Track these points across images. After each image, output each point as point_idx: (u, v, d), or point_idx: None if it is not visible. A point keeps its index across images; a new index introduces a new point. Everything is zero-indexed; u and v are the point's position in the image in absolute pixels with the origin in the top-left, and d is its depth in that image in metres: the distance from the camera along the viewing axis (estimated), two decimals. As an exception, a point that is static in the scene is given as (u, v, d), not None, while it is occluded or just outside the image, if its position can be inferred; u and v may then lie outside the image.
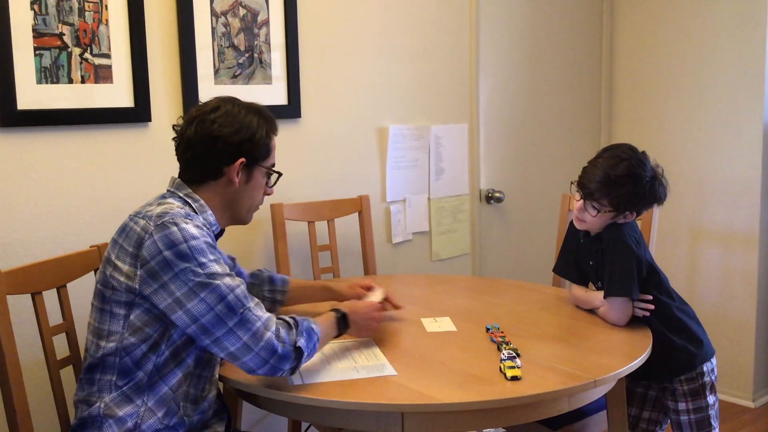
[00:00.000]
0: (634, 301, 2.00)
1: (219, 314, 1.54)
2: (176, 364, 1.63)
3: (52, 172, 2.19)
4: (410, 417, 1.58)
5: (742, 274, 3.44)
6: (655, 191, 2.02)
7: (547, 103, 3.63)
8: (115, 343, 1.60)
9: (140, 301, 1.58)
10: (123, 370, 1.60)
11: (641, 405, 2.19)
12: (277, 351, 1.56)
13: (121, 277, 1.58)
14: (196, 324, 1.55)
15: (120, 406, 1.60)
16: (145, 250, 1.56)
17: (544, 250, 3.40)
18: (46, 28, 2.12)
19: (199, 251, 1.57)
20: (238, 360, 1.57)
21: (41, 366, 1.84)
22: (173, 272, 1.54)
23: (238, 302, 1.57)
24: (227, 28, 2.50)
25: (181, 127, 1.74)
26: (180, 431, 1.65)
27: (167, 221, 1.57)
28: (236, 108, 1.73)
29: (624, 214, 2.04)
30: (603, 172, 1.99)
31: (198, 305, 1.54)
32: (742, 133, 3.40)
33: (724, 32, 3.42)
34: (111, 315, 1.61)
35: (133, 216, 1.64)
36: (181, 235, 1.56)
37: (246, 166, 1.73)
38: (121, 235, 1.62)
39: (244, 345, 1.55)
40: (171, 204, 1.65)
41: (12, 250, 2.12)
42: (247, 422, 2.60)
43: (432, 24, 3.11)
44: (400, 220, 3.09)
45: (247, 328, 1.55)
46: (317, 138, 2.80)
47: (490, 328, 1.98)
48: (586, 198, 2.04)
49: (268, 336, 1.56)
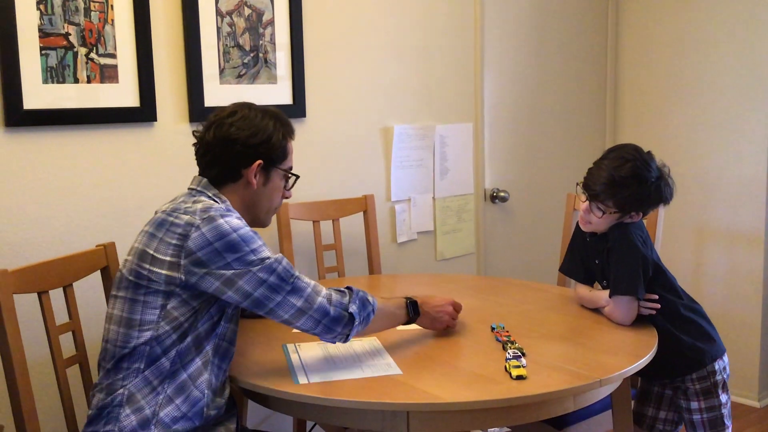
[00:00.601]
0: (639, 300, 2.00)
1: (272, 285, 1.63)
2: (197, 352, 1.67)
3: (58, 172, 2.19)
4: (416, 416, 1.58)
5: (748, 273, 3.44)
6: (660, 192, 2.01)
7: (552, 103, 3.63)
8: (151, 332, 1.64)
9: (180, 291, 1.64)
10: (151, 358, 1.64)
11: (657, 405, 2.18)
12: (329, 313, 1.67)
13: (161, 269, 1.63)
14: (250, 299, 1.63)
15: (142, 391, 1.63)
16: (191, 241, 1.61)
17: (549, 250, 3.40)
18: (52, 28, 2.13)
19: (249, 238, 1.65)
20: (292, 325, 1.67)
21: (48, 365, 1.85)
22: (226, 260, 1.61)
23: (287, 272, 1.66)
24: (232, 28, 2.51)
25: (200, 133, 1.81)
26: (197, 422, 1.66)
27: (213, 215, 1.65)
28: (252, 112, 1.80)
29: (630, 215, 2.03)
30: (608, 174, 1.98)
31: (251, 280, 1.62)
32: (748, 133, 3.40)
33: (730, 31, 3.41)
34: (144, 305, 1.65)
35: (170, 212, 1.69)
36: (229, 227, 1.64)
37: (263, 168, 1.79)
38: (159, 229, 1.67)
39: (298, 310, 1.65)
40: (208, 201, 1.72)
41: (18, 249, 2.13)
42: (252, 421, 2.60)
43: (437, 23, 3.11)
44: (404, 219, 3.09)
45: (299, 295, 1.66)
46: (322, 137, 2.80)
47: (495, 328, 1.98)
48: (591, 200, 2.04)
49: (319, 300, 1.67)
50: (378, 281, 2.66)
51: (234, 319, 1.76)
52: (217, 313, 1.69)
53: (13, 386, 1.63)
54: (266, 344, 1.93)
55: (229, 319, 1.73)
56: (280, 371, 1.74)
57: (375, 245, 2.83)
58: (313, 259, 2.73)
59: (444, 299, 1.97)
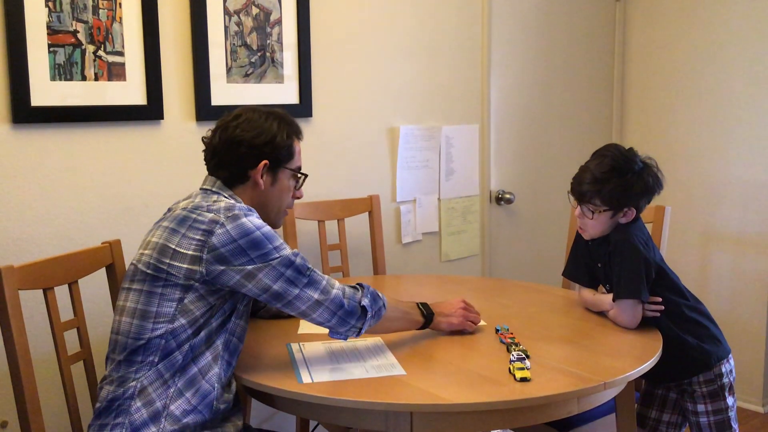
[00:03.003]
0: (644, 303, 2.00)
1: (289, 278, 1.67)
2: (207, 346, 1.69)
3: (65, 169, 2.20)
4: (419, 417, 1.58)
5: (754, 278, 3.43)
6: (644, 181, 2.02)
7: (559, 105, 3.62)
8: (166, 325, 1.65)
9: (198, 285, 1.66)
10: (166, 351, 1.66)
11: (661, 408, 2.17)
12: (344, 305, 1.71)
13: (182, 263, 1.65)
14: (269, 292, 1.67)
15: (153, 384, 1.64)
16: (215, 238, 1.65)
17: (554, 252, 3.39)
18: (60, 26, 2.13)
19: (271, 236, 1.70)
20: (308, 316, 1.71)
21: (52, 361, 1.85)
22: (249, 256, 1.65)
23: (304, 266, 1.70)
24: (240, 27, 2.51)
25: (208, 138, 1.86)
26: (207, 415, 1.67)
27: (237, 213, 1.69)
28: (256, 114, 1.84)
29: (623, 211, 2.04)
30: (590, 173, 2.04)
31: (270, 273, 1.66)
32: (756, 135, 3.38)
33: (738, 33, 3.40)
34: (161, 297, 1.67)
35: (192, 209, 1.71)
36: (252, 225, 1.68)
37: (270, 168, 1.82)
38: (182, 225, 1.69)
39: (315, 302, 1.69)
40: (229, 201, 1.76)
41: (24, 245, 2.13)
42: (256, 419, 2.61)
43: (444, 24, 3.11)
44: (410, 220, 3.09)
45: (315, 287, 1.70)
46: (328, 137, 2.80)
47: (500, 329, 1.98)
48: (580, 202, 2.07)
49: (334, 292, 1.71)
50: (383, 282, 2.66)
51: (244, 316, 1.79)
52: (229, 308, 1.72)
53: (18, 382, 1.64)
54: (270, 343, 1.94)
55: (240, 315, 1.76)
56: (284, 370, 1.74)
57: (380, 246, 2.83)
58: (318, 258, 2.73)
59: (455, 301, 2.01)
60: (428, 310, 1.93)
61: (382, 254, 2.84)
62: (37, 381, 1.70)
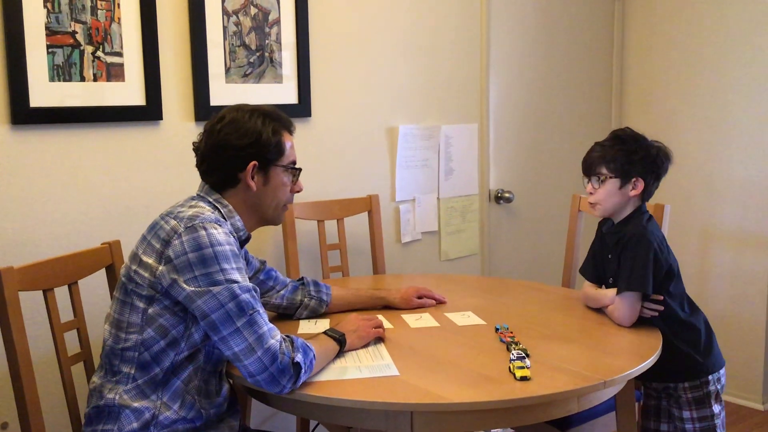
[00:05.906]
0: (649, 296, 1.99)
1: (229, 312, 1.56)
2: (189, 360, 1.67)
3: (64, 170, 2.20)
4: (419, 416, 1.58)
5: (754, 276, 3.43)
6: (647, 150, 2.07)
7: (558, 104, 3.63)
8: (136, 335, 1.63)
9: (160, 297, 1.62)
10: (142, 364, 1.63)
11: (657, 418, 2.16)
12: (277, 359, 1.56)
13: (145, 273, 1.62)
14: (207, 320, 1.58)
15: (135, 399, 1.63)
16: (171, 249, 1.59)
17: (554, 251, 3.40)
18: (58, 26, 2.13)
19: (224, 257, 1.60)
20: (240, 362, 1.57)
21: (52, 362, 1.85)
22: (194, 273, 1.57)
23: (249, 304, 1.59)
24: (238, 27, 2.51)
25: (197, 144, 1.81)
26: (198, 423, 1.67)
27: (197, 224, 1.61)
28: (240, 113, 1.76)
29: (631, 182, 2.05)
30: (598, 145, 2.13)
31: (210, 301, 1.56)
32: (756, 134, 3.39)
33: (737, 30, 3.40)
34: (131, 307, 1.65)
35: (164, 215, 1.68)
36: (208, 240, 1.59)
37: (260, 168, 1.76)
38: (150, 233, 1.67)
39: (249, 346, 1.56)
40: (202, 208, 1.69)
41: (24, 246, 2.13)
42: (256, 420, 2.61)
43: (443, 24, 3.11)
44: (409, 219, 3.09)
45: (253, 330, 1.57)
46: (327, 137, 2.80)
47: (500, 328, 1.98)
48: (589, 174, 2.12)
49: (272, 343, 1.57)
50: (382, 281, 2.66)
51: None
52: None
53: (18, 383, 1.64)
54: (270, 343, 1.93)
55: None
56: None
57: (379, 245, 2.83)
58: (318, 258, 2.73)
59: (354, 318, 1.88)
60: (338, 333, 1.78)
61: (382, 254, 2.84)
62: (37, 382, 1.69)
